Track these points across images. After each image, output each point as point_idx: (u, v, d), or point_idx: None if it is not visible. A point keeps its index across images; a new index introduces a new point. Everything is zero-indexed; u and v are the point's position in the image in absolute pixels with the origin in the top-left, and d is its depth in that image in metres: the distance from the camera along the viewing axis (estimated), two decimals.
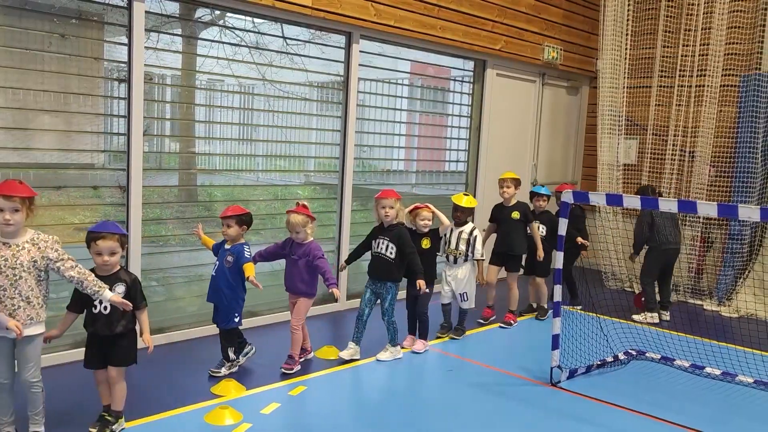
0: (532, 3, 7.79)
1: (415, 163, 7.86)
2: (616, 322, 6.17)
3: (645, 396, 4.56)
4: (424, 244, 5.23)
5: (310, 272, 4.66)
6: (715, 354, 5.33)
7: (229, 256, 4.48)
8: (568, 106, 9.07)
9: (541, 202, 6.33)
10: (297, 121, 6.23)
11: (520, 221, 6.00)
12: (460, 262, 5.59)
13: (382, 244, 4.93)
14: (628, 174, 8.17)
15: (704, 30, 7.45)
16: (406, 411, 4.19)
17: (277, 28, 5.81)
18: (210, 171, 5.95)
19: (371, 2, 6.05)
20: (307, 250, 4.65)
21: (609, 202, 4.34)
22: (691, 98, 7.61)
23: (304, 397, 4.29)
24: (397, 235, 4.90)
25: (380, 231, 5.00)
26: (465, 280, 5.58)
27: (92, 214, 4.87)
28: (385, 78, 6.98)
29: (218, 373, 4.51)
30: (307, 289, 4.70)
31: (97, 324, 3.51)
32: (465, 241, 5.55)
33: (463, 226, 5.60)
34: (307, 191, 6.52)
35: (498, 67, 7.73)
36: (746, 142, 7.13)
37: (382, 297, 4.98)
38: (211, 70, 5.54)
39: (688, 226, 7.54)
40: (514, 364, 5.09)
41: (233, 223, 4.46)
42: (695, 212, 4.04)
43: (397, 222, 4.94)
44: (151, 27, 4.98)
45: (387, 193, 4.93)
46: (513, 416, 4.19)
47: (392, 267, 4.91)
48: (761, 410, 4.47)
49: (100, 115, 4.88)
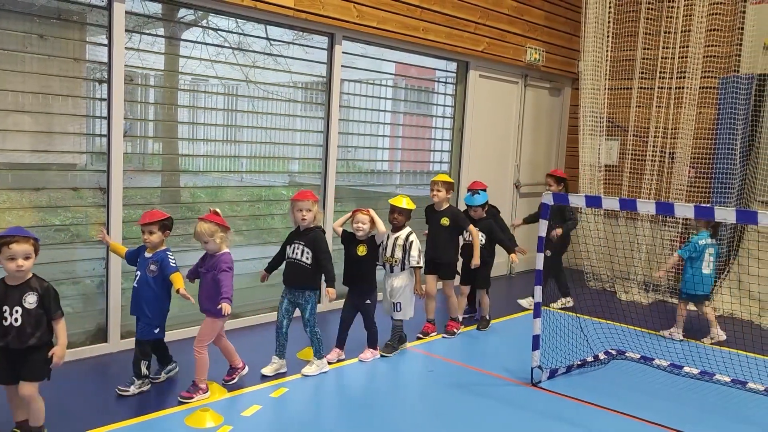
0: (514, 5, 7.84)
1: (399, 163, 7.89)
2: (596, 322, 6.22)
3: (624, 395, 4.61)
4: (359, 251, 4.92)
5: (217, 287, 4.14)
6: (693, 353, 5.40)
7: (152, 265, 4.16)
8: (551, 107, 9.13)
9: (474, 212, 5.90)
10: (280, 122, 6.23)
11: (449, 228, 5.64)
12: (397, 271, 5.17)
13: (297, 250, 4.61)
14: (610, 175, 8.24)
15: (684, 32, 7.54)
16: (388, 411, 4.21)
17: (259, 28, 5.80)
18: (192, 172, 5.93)
19: (354, 3, 6.06)
20: (215, 263, 4.19)
21: (588, 203, 4.38)
22: (670, 100, 7.70)
23: (285, 399, 4.29)
24: (313, 239, 4.58)
25: (296, 235, 4.68)
26: (401, 289, 5.17)
27: (73, 215, 4.85)
28: (369, 79, 7.00)
29: (126, 391, 4.13)
30: (213, 306, 4.13)
31: (9, 337, 3.29)
32: (401, 247, 5.14)
33: (399, 231, 5.19)
34: (291, 192, 6.50)
35: (480, 69, 7.77)
36: (725, 143, 7.23)
37: (302, 307, 4.65)
38: (194, 70, 5.53)
39: (669, 227, 7.63)
40: (496, 364, 5.13)
41: (156, 229, 4.16)
42: (673, 214, 4.10)
43: (314, 226, 4.64)
44: (133, 27, 4.96)
45: (304, 195, 4.59)
46: (493, 416, 4.21)
47: (308, 274, 4.59)
48: (738, 409, 4.53)
49: (81, 116, 4.85)
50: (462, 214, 5.82)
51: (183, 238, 5.50)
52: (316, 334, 4.70)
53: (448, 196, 5.70)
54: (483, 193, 5.94)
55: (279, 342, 4.70)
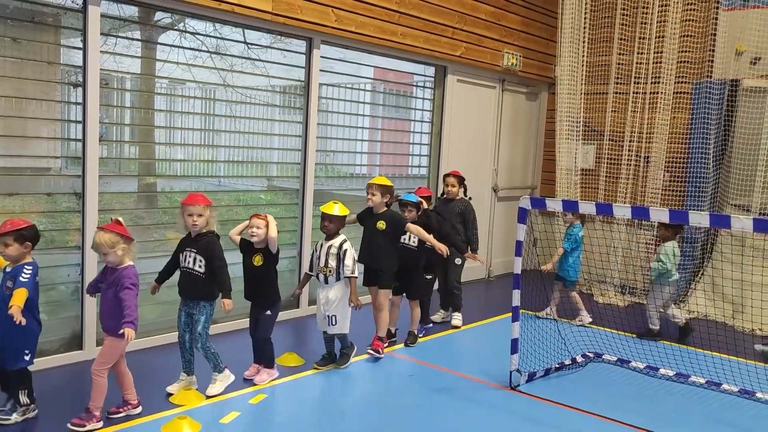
0: (491, 10, 7.89)
1: (378, 168, 7.89)
2: (573, 325, 6.28)
3: (601, 398, 4.66)
4: (255, 260, 4.53)
5: (119, 306, 3.72)
6: (668, 355, 5.47)
7: (9, 281, 3.65)
8: (528, 111, 9.20)
9: (407, 213, 5.42)
10: (258, 126, 6.20)
11: (386, 233, 5.23)
12: (331, 281, 4.84)
13: (189, 257, 4.25)
14: (586, 179, 8.32)
15: (658, 38, 7.64)
16: (368, 417, 4.21)
17: (237, 32, 5.78)
18: (167, 176, 5.87)
19: (332, 8, 6.05)
20: (117, 278, 3.77)
21: (566, 208, 4.42)
22: (645, 105, 7.80)
23: (264, 406, 4.26)
24: (206, 246, 4.23)
25: (187, 242, 4.31)
26: (336, 301, 4.84)
27: (48, 220, 4.78)
28: (348, 83, 7.00)
29: (8, 420, 3.74)
30: (116, 326, 3.70)
31: None
32: (334, 256, 4.81)
33: (332, 240, 4.86)
34: (270, 196, 6.49)
35: (458, 73, 7.81)
36: (698, 147, 7.34)
37: (195, 319, 4.28)
38: (171, 74, 5.48)
39: (644, 230, 7.72)
40: (475, 368, 5.15)
41: (11, 241, 3.63)
42: (648, 218, 4.15)
43: (207, 231, 4.28)
44: (108, 30, 4.91)
45: (194, 198, 4.23)
46: (471, 420, 4.23)
47: (202, 283, 4.23)
48: (712, 410, 4.60)
49: (56, 120, 4.79)
50: (400, 217, 5.34)
51: (158, 243, 5.45)
52: (209, 350, 4.32)
53: (384, 200, 5.26)
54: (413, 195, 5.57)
55: (185, 358, 4.38)
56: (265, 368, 4.67)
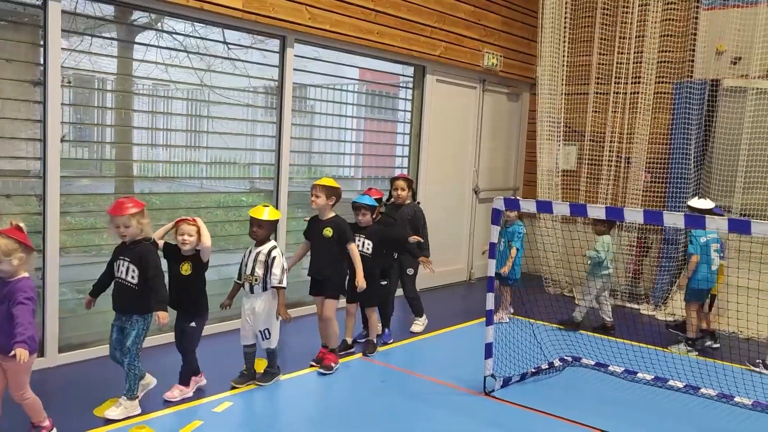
0: (471, 9, 7.79)
1: (360, 169, 7.78)
2: (553, 328, 6.18)
3: (577, 403, 4.56)
4: (183, 269, 4.21)
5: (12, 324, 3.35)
6: (647, 359, 5.37)
7: None
8: (509, 112, 9.11)
9: (361, 217, 5.22)
10: (235, 127, 6.08)
11: (332, 240, 4.90)
12: (258, 291, 4.47)
13: (122, 267, 3.98)
14: (567, 180, 8.24)
15: (638, 38, 7.57)
16: (337, 424, 4.08)
17: (217, 32, 5.68)
18: (142, 177, 5.75)
19: (306, 6, 5.93)
20: (10, 291, 3.39)
21: (539, 209, 4.33)
22: (626, 105, 7.72)
23: (230, 414, 4.13)
24: (140, 255, 3.95)
25: (121, 250, 4.04)
26: (265, 313, 4.47)
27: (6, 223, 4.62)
28: (329, 84, 6.90)
29: None
30: (10, 344, 3.31)
31: None
32: (262, 263, 4.44)
33: (261, 246, 4.50)
34: (251, 198, 6.35)
35: (438, 73, 7.71)
36: (679, 148, 7.27)
37: (126, 333, 4.00)
38: (150, 74, 5.38)
39: (626, 231, 7.64)
40: (449, 373, 5.02)
41: None
42: (623, 219, 4.06)
43: (141, 238, 4.00)
44: (81, 29, 4.79)
45: (118, 208, 3.91)
46: (441, 426, 4.12)
47: (135, 295, 3.96)
48: (690, 415, 4.51)
49: (17, 120, 4.64)
50: (348, 225, 5.00)
51: None
52: (133, 369, 3.98)
53: (330, 203, 4.92)
54: (368, 197, 5.30)
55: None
56: (179, 384, 4.31)
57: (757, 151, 6.79)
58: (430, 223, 6.15)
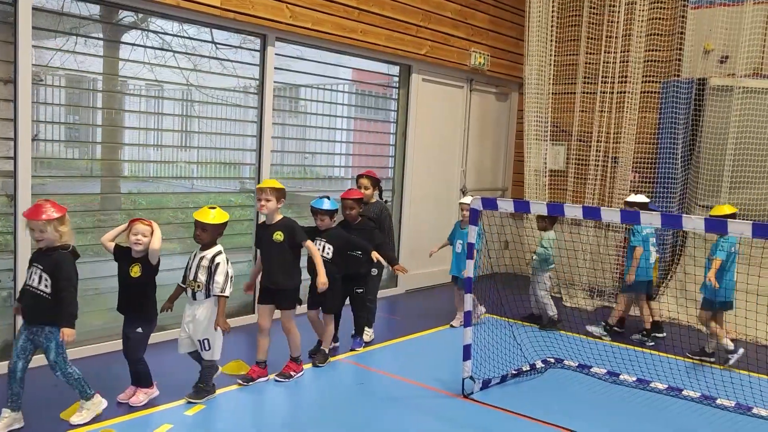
0: (458, 8, 7.73)
1: (351, 169, 7.70)
2: (536, 329, 6.11)
3: (557, 405, 4.49)
4: (133, 271, 4.06)
5: None
6: (632, 360, 5.31)
7: None
8: (497, 112, 9.05)
9: (320, 222, 5.01)
10: (219, 127, 6.02)
11: (284, 244, 4.60)
12: (200, 298, 4.20)
13: (34, 275, 3.72)
14: (555, 180, 8.17)
15: (625, 37, 7.51)
16: (312, 428, 4.01)
17: (199, 30, 5.62)
18: (115, 177, 5.67)
19: (286, 4, 5.86)
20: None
21: (517, 209, 4.26)
22: (613, 104, 7.66)
23: (201, 418, 4.05)
24: (54, 263, 3.69)
25: (35, 257, 3.79)
26: (206, 322, 4.19)
27: None
28: (315, 84, 6.84)
29: None
30: None
31: None
32: (205, 269, 4.17)
33: (206, 250, 4.23)
34: (240, 198, 6.29)
35: (424, 73, 7.64)
36: (667, 148, 7.21)
37: (44, 347, 3.76)
38: (138, 74, 5.35)
39: (613, 231, 7.58)
40: (429, 375, 4.95)
41: None
42: (599, 219, 3.99)
43: (59, 245, 3.73)
44: (71, 29, 4.74)
45: (34, 212, 3.66)
46: (416, 429, 4.04)
47: (48, 305, 3.70)
48: (672, 417, 4.44)
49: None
50: (298, 225, 4.70)
51: None
52: (71, 376, 3.83)
53: (279, 206, 4.63)
54: (332, 201, 5.02)
55: (12, 390, 3.73)
56: (141, 389, 4.19)
57: (743, 149, 6.73)
58: (416, 224, 6.09)
